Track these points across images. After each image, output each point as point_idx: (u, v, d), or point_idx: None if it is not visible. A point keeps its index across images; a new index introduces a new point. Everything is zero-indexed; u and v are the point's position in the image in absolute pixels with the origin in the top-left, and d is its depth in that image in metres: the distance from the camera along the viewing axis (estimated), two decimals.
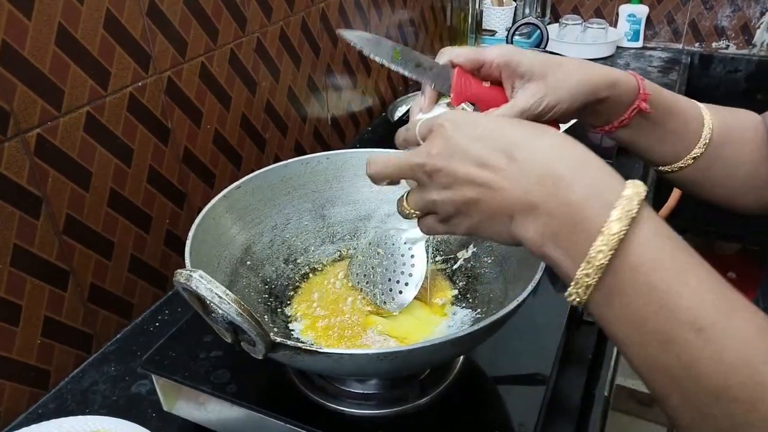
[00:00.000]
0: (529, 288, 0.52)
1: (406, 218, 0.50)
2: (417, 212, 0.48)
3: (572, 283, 0.37)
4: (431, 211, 0.47)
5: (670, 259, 0.36)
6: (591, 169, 0.39)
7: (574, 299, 0.38)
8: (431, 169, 0.44)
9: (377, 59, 0.56)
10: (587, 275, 0.36)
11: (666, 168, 0.62)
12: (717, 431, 0.34)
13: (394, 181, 0.50)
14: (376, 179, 0.50)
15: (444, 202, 0.44)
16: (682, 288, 0.35)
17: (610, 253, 0.35)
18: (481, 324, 0.49)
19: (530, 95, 0.53)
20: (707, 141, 0.60)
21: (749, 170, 0.61)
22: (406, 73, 0.56)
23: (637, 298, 0.35)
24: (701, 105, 0.62)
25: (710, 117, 0.60)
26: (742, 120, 0.63)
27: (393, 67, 0.56)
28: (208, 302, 0.45)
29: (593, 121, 0.60)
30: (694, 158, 0.60)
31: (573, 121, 0.71)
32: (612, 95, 0.56)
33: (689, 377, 0.34)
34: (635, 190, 0.37)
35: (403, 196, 0.49)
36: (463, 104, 0.55)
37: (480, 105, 0.56)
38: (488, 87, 0.57)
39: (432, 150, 0.44)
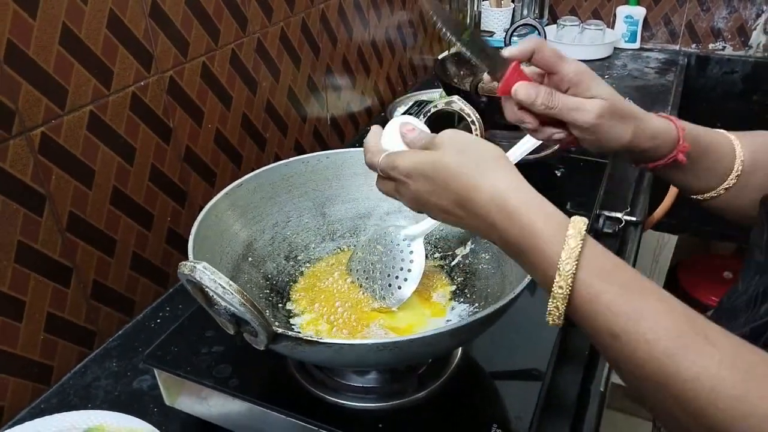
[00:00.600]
0: (525, 282, 0.53)
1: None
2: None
3: (550, 300, 0.43)
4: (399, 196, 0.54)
5: (608, 279, 0.42)
6: (524, 216, 0.44)
7: (554, 315, 0.44)
8: (414, 208, 0.53)
9: (447, 35, 0.58)
10: (560, 287, 0.42)
11: (699, 197, 0.64)
12: (669, 411, 0.40)
13: None
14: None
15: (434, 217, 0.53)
16: (608, 306, 0.41)
17: (575, 263, 0.41)
18: (478, 316, 0.50)
19: (595, 110, 0.57)
20: (739, 172, 0.62)
21: None
22: (468, 54, 0.59)
23: (586, 306, 0.42)
24: (732, 136, 0.63)
25: (741, 149, 0.62)
26: (764, 142, 0.64)
27: (458, 46, 0.59)
28: (211, 293, 0.46)
29: (629, 159, 0.62)
30: (726, 189, 0.62)
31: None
32: (652, 146, 0.59)
33: (620, 371, 0.42)
34: (576, 228, 0.43)
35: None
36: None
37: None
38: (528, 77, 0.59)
39: (408, 200, 0.52)
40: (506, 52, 0.59)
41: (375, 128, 0.57)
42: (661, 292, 0.41)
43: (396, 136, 0.55)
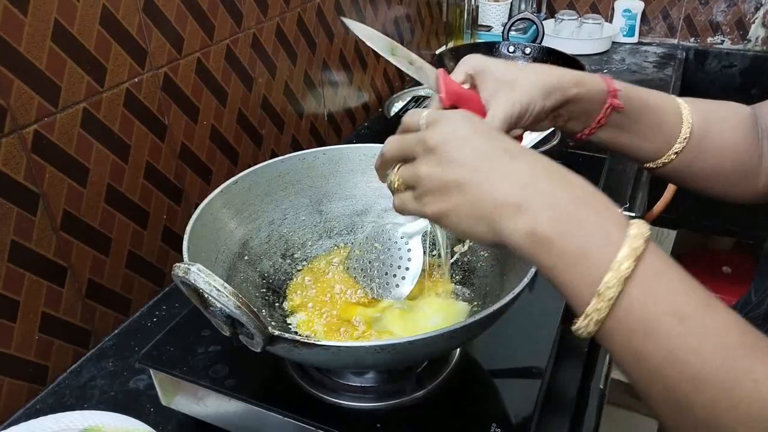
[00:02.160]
0: (525, 281, 0.52)
1: (387, 185, 0.50)
2: (399, 182, 0.48)
3: (582, 317, 0.38)
4: (412, 185, 0.47)
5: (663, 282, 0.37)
6: (596, 201, 0.40)
7: (582, 333, 0.39)
8: (432, 144, 0.44)
9: (376, 49, 0.57)
10: (598, 310, 0.37)
11: (651, 165, 0.63)
12: (695, 425, 0.36)
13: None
14: (385, 159, 0.50)
15: (430, 176, 0.44)
16: (666, 288, 0.37)
17: (620, 288, 0.36)
18: (478, 316, 0.50)
19: (504, 101, 0.54)
20: (687, 135, 0.60)
21: (735, 161, 0.61)
22: (401, 67, 0.58)
23: (651, 279, 0.37)
24: (680, 99, 0.62)
25: (689, 111, 0.61)
26: (724, 112, 0.63)
27: (390, 59, 0.57)
28: (206, 295, 0.45)
29: (572, 127, 0.60)
30: (676, 153, 0.61)
31: (546, 132, 0.72)
32: (581, 92, 0.57)
33: (670, 366, 0.36)
34: (631, 250, 0.37)
35: (395, 167, 0.49)
36: None
37: (463, 106, 0.56)
38: (468, 89, 0.57)
39: (437, 130, 0.45)
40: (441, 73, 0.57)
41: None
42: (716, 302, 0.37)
43: None
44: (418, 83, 0.64)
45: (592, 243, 0.38)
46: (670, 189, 1.31)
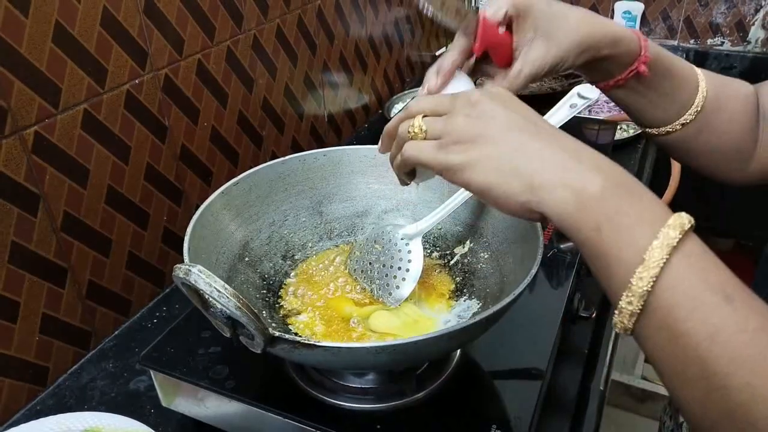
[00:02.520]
0: (525, 282, 0.52)
1: (400, 134, 0.46)
2: (420, 129, 0.44)
3: (616, 312, 0.37)
4: (437, 135, 0.43)
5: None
6: (638, 191, 0.39)
7: (619, 328, 0.38)
8: (475, 99, 0.42)
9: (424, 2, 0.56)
10: (642, 279, 0.36)
11: (653, 131, 0.62)
12: (728, 410, 0.35)
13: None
14: (411, 112, 0.46)
15: (465, 126, 0.42)
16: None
17: (652, 280, 0.35)
18: (478, 318, 0.50)
19: (540, 55, 0.53)
20: (699, 108, 0.59)
21: (736, 140, 0.61)
22: (444, 20, 0.57)
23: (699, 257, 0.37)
24: (699, 71, 0.61)
25: (705, 84, 0.60)
26: (734, 90, 0.62)
27: (433, 12, 0.56)
28: (206, 297, 0.45)
29: (590, 76, 0.59)
30: (683, 124, 0.60)
31: (563, 121, 0.72)
32: (614, 53, 0.56)
33: (714, 343, 0.34)
34: (678, 220, 0.37)
35: (419, 117, 0.45)
36: None
37: (495, 52, 0.55)
38: (505, 33, 0.56)
39: (483, 93, 0.43)
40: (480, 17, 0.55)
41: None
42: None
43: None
44: (418, 85, 0.64)
45: (642, 210, 0.37)
46: (670, 191, 1.31)
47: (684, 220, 0.36)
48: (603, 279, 0.39)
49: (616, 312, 0.37)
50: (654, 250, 0.35)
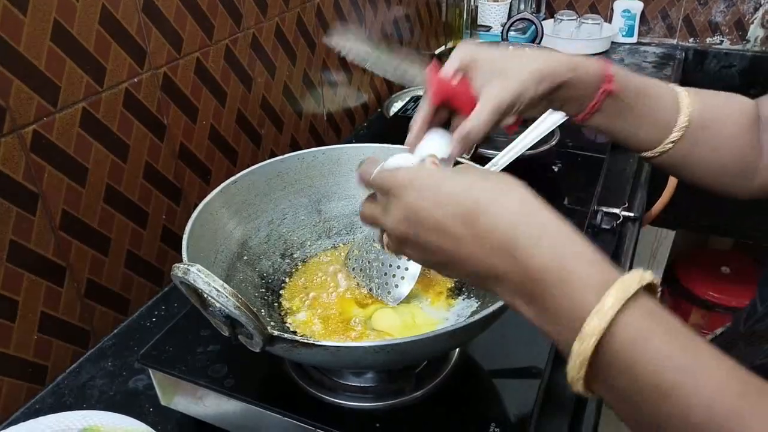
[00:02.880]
0: None
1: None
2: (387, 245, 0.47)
3: (576, 343, 0.36)
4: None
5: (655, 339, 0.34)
6: (551, 237, 0.37)
7: (573, 373, 0.37)
8: (399, 236, 0.44)
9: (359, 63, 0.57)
10: (600, 320, 0.34)
11: (648, 154, 0.61)
12: None
13: None
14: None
15: (418, 259, 0.45)
16: (657, 352, 0.34)
17: (602, 332, 0.34)
18: (477, 317, 0.50)
19: (497, 91, 0.53)
20: (685, 124, 0.59)
21: (734, 155, 0.61)
22: (387, 77, 0.58)
23: (627, 352, 0.34)
24: (680, 89, 0.61)
25: (689, 100, 0.59)
26: (727, 104, 0.62)
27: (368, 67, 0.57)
28: (205, 296, 0.45)
29: (567, 110, 0.59)
30: (673, 142, 0.59)
31: (560, 122, 0.71)
32: (575, 77, 0.55)
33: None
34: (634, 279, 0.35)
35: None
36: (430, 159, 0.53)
37: (453, 102, 0.56)
38: (458, 84, 0.56)
39: (395, 215, 0.43)
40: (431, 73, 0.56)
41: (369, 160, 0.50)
42: (710, 346, 0.34)
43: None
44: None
45: (563, 308, 0.36)
46: (669, 189, 1.31)
47: (610, 301, 0.34)
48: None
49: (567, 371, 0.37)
50: (579, 351, 0.35)
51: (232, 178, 0.70)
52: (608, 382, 0.36)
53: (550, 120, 0.72)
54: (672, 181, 1.33)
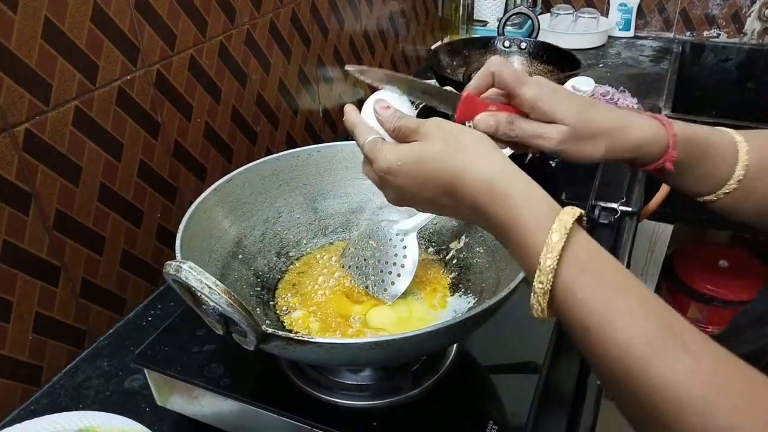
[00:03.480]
0: (520, 276, 0.52)
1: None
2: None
3: (531, 294, 0.43)
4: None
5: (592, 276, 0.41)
6: (505, 196, 0.44)
7: (536, 309, 0.43)
8: (401, 205, 0.53)
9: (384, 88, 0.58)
10: (541, 282, 0.41)
11: (700, 199, 0.62)
12: (638, 416, 0.39)
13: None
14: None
15: (387, 196, 0.54)
16: (583, 301, 0.40)
17: (557, 258, 0.40)
18: (473, 312, 0.49)
19: (558, 137, 0.54)
20: (741, 178, 0.58)
21: None
22: (416, 101, 0.59)
23: (564, 302, 0.41)
24: (738, 137, 0.59)
25: (746, 152, 0.58)
26: None
27: (405, 96, 0.58)
28: (198, 294, 0.44)
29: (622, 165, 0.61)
30: (726, 193, 0.59)
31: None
32: (634, 157, 0.57)
33: (593, 368, 0.41)
34: (562, 223, 0.41)
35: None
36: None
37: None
38: (493, 110, 0.56)
39: (391, 196, 0.53)
40: (464, 90, 0.58)
41: (350, 107, 0.56)
42: (643, 293, 0.39)
43: (372, 114, 0.54)
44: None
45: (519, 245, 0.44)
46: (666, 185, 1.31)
47: (548, 262, 0.41)
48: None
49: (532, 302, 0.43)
50: (534, 302, 0.43)
51: (227, 177, 0.69)
52: (557, 317, 0.43)
53: None
54: None
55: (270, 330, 0.47)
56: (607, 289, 0.39)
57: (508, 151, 0.61)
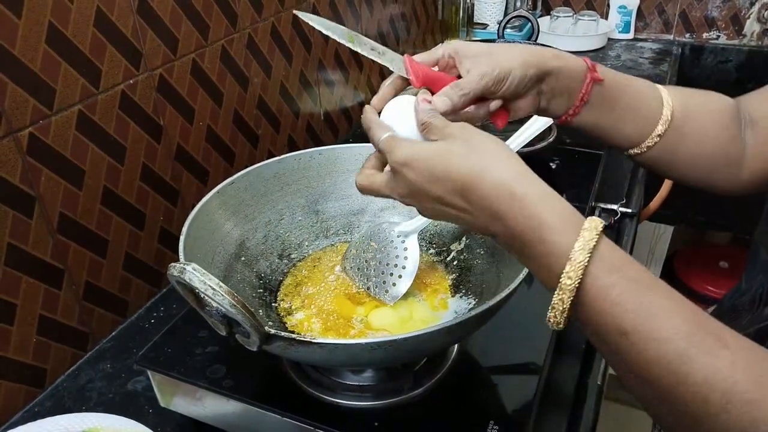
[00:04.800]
0: (521, 277, 0.52)
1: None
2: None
3: (556, 293, 0.42)
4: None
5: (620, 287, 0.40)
6: (527, 204, 0.43)
7: (557, 310, 0.42)
8: (407, 203, 0.51)
9: (336, 38, 0.57)
10: (570, 278, 0.40)
11: (634, 151, 0.62)
12: (676, 415, 0.39)
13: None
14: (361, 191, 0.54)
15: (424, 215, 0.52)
16: (617, 301, 0.40)
17: (588, 255, 0.40)
18: (474, 312, 0.50)
19: (485, 66, 0.54)
20: (669, 118, 0.60)
21: (717, 150, 0.61)
22: (365, 54, 0.58)
23: (595, 301, 0.41)
24: (660, 86, 0.62)
25: (669, 95, 0.61)
26: (707, 101, 0.63)
27: (350, 47, 0.57)
28: (201, 295, 0.45)
29: (556, 108, 0.60)
30: (659, 136, 0.60)
31: (541, 129, 0.72)
32: (562, 66, 0.57)
33: (625, 372, 0.40)
34: (593, 224, 0.41)
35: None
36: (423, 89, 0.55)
37: (434, 86, 0.55)
38: (439, 72, 0.57)
39: (400, 192, 0.50)
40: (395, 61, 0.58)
41: (369, 108, 0.55)
42: (670, 290, 0.40)
43: (403, 113, 0.53)
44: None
45: (538, 257, 0.43)
46: (667, 184, 1.31)
47: (580, 257, 0.40)
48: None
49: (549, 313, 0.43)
50: (557, 301, 0.41)
51: (230, 179, 0.70)
52: (583, 321, 0.42)
53: (540, 123, 0.73)
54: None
55: (273, 331, 0.48)
56: (639, 287, 0.39)
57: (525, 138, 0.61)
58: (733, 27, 1.77)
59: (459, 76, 0.56)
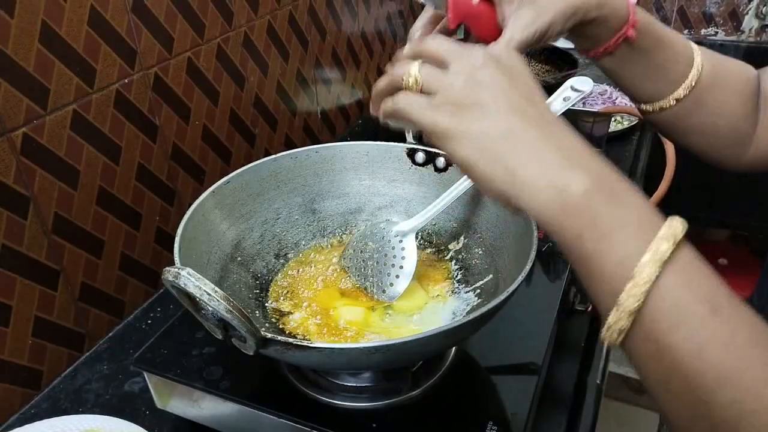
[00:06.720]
0: (520, 278, 0.52)
1: (395, 77, 0.45)
2: (417, 80, 0.42)
3: (604, 329, 0.36)
4: (434, 90, 0.41)
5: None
6: (627, 196, 0.37)
7: (608, 342, 0.37)
8: (482, 63, 0.40)
9: None
10: (619, 320, 0.35)
11: (648, 107, 0.60)
12: (713, 426, 0.33)
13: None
14: (418, 51, 0.45)
15: (463, 89, 0.40)
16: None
17: (642, 297, 0.34)
18: (473, 315, 0.49)
19: (524, 25, 0.51)
20: (693, 84, 0.58)
21: (731, 123, 0.60)
22: None
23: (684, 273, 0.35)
24: (695, 46, 0.59)
25: (701, 59, 0.58)
26: (735, 69, 0.61)
27: None
28: (197, 300, 0.44)
29: (580, 44, 0.58)
30: (677, 100, 0.58)
31: (562, 110, 0.71)
32: (601, 15, 0.54)
33: (700, 358, 0.33)
34: (670, 230, 0.35)
35: (416, 64, 0.43)
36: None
37: (473, 24, 0.53)
38: (479, 4, 0.54)
39: (468, 62, 0.41)
40: None
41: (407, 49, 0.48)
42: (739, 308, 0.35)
43: None
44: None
45: (631, 218, 0.35)
46: (665, 182, 1.31)
47: (677, 230, 0.35)
48: (588, 286, 0.37)
49: (604, 329, 0.36)
50: (644, 266, 0.33)
51: (225, 179, 0.69)
52: (643, 341, 0.35)
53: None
54: (668, 174, 1.33)
55: (269, 335, 0.47)
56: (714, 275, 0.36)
57: None
58: (732, 23, 1.76)
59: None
